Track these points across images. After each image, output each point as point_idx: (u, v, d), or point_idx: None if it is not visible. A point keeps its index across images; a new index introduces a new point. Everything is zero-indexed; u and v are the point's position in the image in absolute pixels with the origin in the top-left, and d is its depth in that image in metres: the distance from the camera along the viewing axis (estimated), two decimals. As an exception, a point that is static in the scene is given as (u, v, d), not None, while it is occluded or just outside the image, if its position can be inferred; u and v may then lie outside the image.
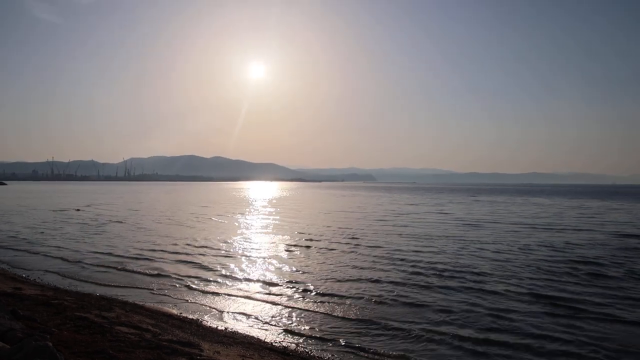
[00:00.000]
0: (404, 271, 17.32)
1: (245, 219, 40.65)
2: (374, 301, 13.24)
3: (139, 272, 17.14)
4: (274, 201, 74.71)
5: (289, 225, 34.47)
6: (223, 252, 21.92)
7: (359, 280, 15.87)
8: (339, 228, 32.49)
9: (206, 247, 23.35)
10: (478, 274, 16.81)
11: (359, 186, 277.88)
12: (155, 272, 17.19)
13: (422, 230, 30.96)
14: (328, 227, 33.46)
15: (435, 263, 18.87)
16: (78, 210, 48.43)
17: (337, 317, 11.86)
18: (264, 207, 59.26)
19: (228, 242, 25.05)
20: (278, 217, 42.33)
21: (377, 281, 15.64)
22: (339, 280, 15.81)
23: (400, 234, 28.82)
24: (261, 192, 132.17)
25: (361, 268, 17.90)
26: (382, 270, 17.53)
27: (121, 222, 36.14)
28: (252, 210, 52.91)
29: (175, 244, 24.06)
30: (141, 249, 22.27)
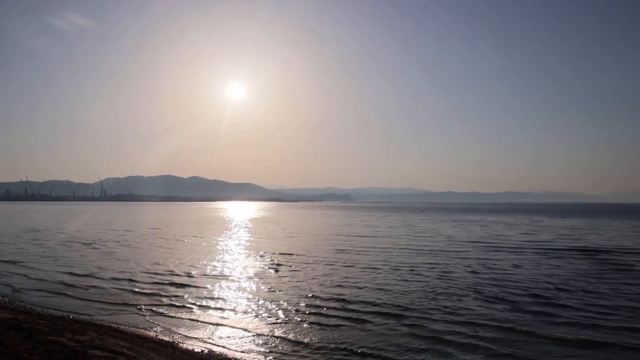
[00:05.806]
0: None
1: (219, 239, 40.33)
2: (352, 326, 13.29)
3: (113, 294, 16.89)
4: (248, 222, 74.32)
5: (260, 246, 34.33)
6: (199, 273, 21.72)
7: (328, 301, 15.96)
8: (305, 249, 32.61)
9: (181, 268, 23.09)
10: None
11: (335, 206, 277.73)
12: (130, 293, 16.98)
13: (364, 258, 30.88)
14: (297, 248, 33.51)
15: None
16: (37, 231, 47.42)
17: (311, 339, 11.88)
18: (239, 227, 58.92)
19: (203, 263, 24.81)
20: (251, 238, 42.14)
21: (350, 301, 15.77)
22: (311, 303, 15.84)
23: (351, 265, 28.90)
24: (237, 212, 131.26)
25: (333, 286, 18.02)
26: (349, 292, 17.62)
27: (91, 243, 35.51)
28: (226, 230, 52.56)
29: (148, 266, 23.77)
30: (114, 270, 21.95)
